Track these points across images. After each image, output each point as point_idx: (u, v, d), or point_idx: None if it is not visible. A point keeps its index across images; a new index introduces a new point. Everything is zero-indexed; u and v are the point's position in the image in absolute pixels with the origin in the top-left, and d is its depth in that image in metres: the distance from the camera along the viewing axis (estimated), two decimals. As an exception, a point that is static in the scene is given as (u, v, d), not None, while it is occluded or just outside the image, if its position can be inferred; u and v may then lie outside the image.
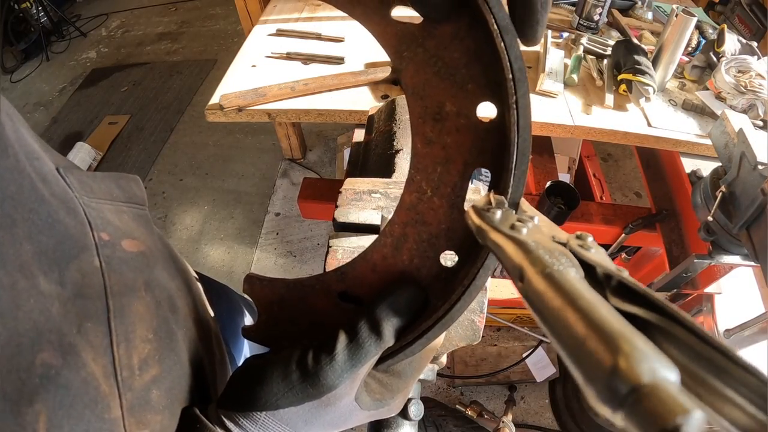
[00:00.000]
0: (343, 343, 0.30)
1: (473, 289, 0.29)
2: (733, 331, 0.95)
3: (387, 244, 0.31)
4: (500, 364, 1.61)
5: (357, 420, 0.34)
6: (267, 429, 0.31)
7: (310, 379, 0.30)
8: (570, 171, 1.74)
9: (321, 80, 0.98)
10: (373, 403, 0.34)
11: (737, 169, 0.73)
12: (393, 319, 0.31)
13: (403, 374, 0.35)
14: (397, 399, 0.36)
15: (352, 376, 0.30)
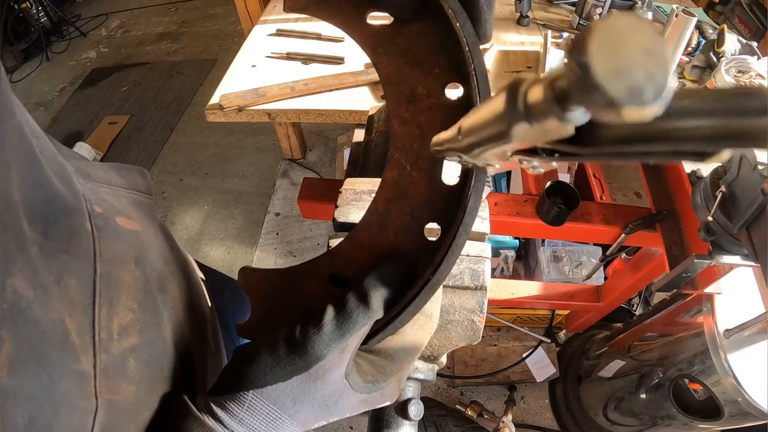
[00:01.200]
0: (330, 314, 0.30)
1: (455, 249, 0.31)
2: (733, 331, 0.95)
3: (372, 222, 0.33)
4: (500, 364, 1.61)
5: (349, 403, 0.33)
6: (254, 410, 0.30)
7: (297, 351, 0.30)
8: (570, 171, 1.74)
9: (321, 80, 0.98)
10: (365, 385, 0.33)
11: (737, 169, 0.73)
12: (380, 289, 0.31)
13: (396, 357, 0.34)
14: (390, 383, 0.34)
15: (341, 346, 0.30)
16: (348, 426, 1.60)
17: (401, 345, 0.34)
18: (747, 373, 0.92)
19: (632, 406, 1.27)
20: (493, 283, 1.47)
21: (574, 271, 1.59)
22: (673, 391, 1.10)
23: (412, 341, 0.34)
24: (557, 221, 1.02)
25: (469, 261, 0.41)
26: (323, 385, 0.31)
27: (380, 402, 0.35)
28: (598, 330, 1.65)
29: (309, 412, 0.31)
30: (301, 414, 0.31)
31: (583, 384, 1.52)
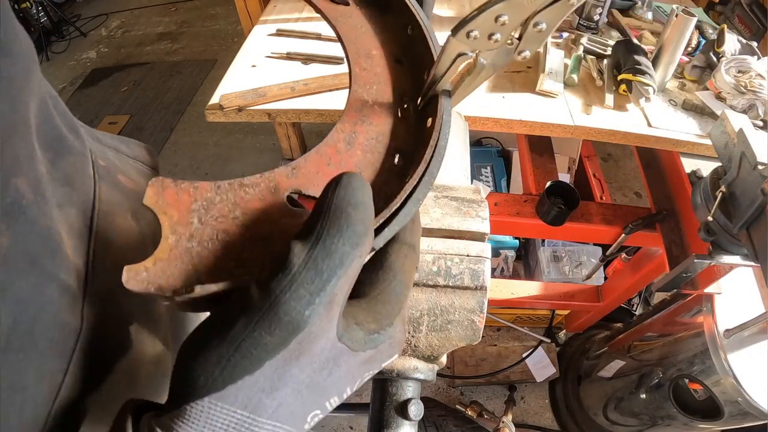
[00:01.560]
0: (300, 251, 0.20)
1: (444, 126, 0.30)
2: (733, 331, 0.95)
3: (340, 139, 0.31)
4: (500, 364, 1.61)
5: (347, 371, 0.24)
6: (210, 423, 0.21)
7: (264, 322, 0.20)
8: (570, 171, 1.74)
9: (321, 80, 0.98)
10: (369, 339, 0.24)
11: (737, 169, 0.73)
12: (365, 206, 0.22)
13: (392, 293, 0.26)
14: (397, 326, 0.26)
15: (326, 298, 0.20)
16: (348, 426, 1.60)
17: (392, 278, 0.26)
18: (747, 373, 0.92)
19: (632, 406, 1.27)
20: (493, 283, 1.47)
21: (574, 271, 1.59)
22: (673, 391, 1.10)
23: (403, 273, 0.27)
24: (557, 221, 1.02)
25: (469, 261, 0.41)
26: (310, 360, 0.22)
27: (388, 356, 0.26)
28: (598, 330, 1.65)
29: (294, 403, 0.22)
30: (283, 409, 0.22)
31: (583, 384, 1.52)
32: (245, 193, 0.26)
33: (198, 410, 0.21)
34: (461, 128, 0.62)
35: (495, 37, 0.28)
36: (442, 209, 0.44)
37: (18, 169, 0.25)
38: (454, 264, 0.40)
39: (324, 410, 0.24)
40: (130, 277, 0.22)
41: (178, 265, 0.23)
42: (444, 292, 0.40)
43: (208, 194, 0.25)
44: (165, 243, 0.23)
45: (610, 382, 1.37)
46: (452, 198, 0.45)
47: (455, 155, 0.57)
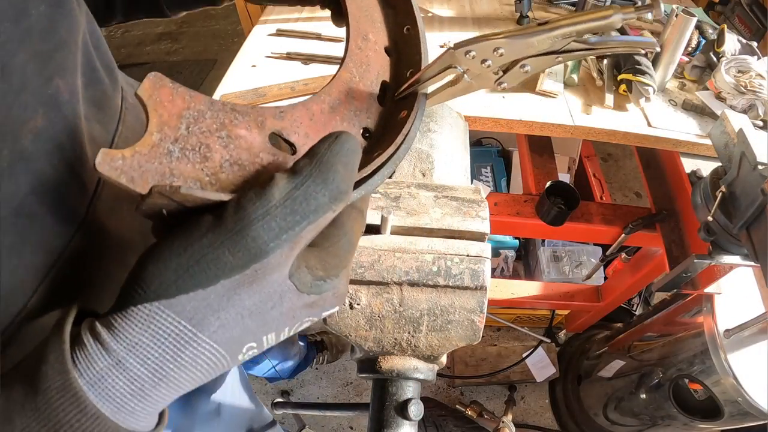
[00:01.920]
0: (283, 188, 0.22)
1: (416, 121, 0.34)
2: (733, 331, 0.95)
3: (325, 101, 0.33)
4: (500, 364, 1.61)
5: (288, 308, 0.24)
6: (152, 327, 0.21)
7: (230, 240, 0.21)
8: (570, 171, 1.74)
9: (321, 80, 0.98)
10: (314, 283, 0.25)
11: (737, 169, 0.73)
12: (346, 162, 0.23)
13: (342, 248, 0.26)
14: (341, 278, 0.26)
15: (292, 237, 0.22)
16: (348, 426, 1.60)
17: (342, 235, 0.27)
18: (747, 373, 0.92)
19: (632, 406, 1.27)
20: (493, 283, 1.47)
21: (574, 271, 1.59)
22: (673, 391, 1.10)
23: (352, 233, 0.27)
24: (557, 221, 1.02)
25: (469, 261, 0.41)
26: (260, 289, 0.22)
27: (330, 306, 0.27)
28: (598, 330, 1.65)
29: (235, 328, 0.23)
30: (223, 331, 0.23)
31: (583, 384, 1.52)
32: (234, 118, 0.27)
33: (144, 313, 0.21)
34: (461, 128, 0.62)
35: (487, 63, 0.32)
36: (442, 209, 0.44)
37: (62, 74, 0.31)
38: (454, 264, 0.40)
39: (260, 345, 0.25)
40: (105, 161, 0.21)
41: (155, 163, 0.23)
42: (444, 292, 0.40)
43: (201, 107, 0.26)
44: (148, 138, 0.23)
45: (610, 382, 1.37)
46: (452, 198, 0.46)
47: (455, 155, 0.57)
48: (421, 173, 0.52)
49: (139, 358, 0.22)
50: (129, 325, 0.21)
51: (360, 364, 0.44)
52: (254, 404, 0.90)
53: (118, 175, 0.21)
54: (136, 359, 0.22)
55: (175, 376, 0.23)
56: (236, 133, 0.26)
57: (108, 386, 0.21)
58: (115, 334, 0.21)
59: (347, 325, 0.41)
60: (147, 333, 0.21)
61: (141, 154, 0.22)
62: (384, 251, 0.41)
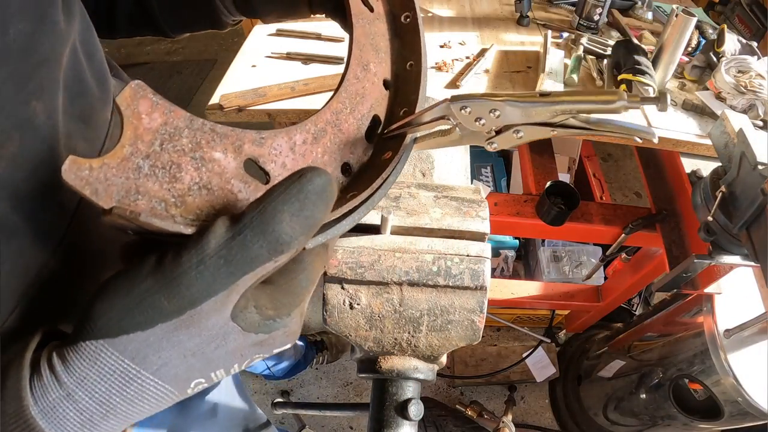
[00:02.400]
0: (220, 237, 0.21)
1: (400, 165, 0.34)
2: (733, 331, 0.95)
3: (309, 131, 0.32)
4: (500, 364, 1.61)
5: (236, 347, 0.25)
6: (100, 366, 0.22)
7: (164, 288, 0.21)
8: (570, 171, 1.74)
9: (321, 80, 0.98)
10: (263, 324, 0.25)
11: (737, 169, 0.73)
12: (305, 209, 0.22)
13: (298, 285, 0.26)
14: (293, 317, 0.26)
15: (228, 289, 0.22)
16: (348, 426, 1.60)
17: (300, 271, 0.26)
18: (747, 373, 0.92)
19: (632, 406, 1.27)
20: (493, 283, 1.46)
21: (574, 271, 1.59)
22: (673, 391, 1.10)
23: (312, 269, 0.27)
24: (557, 221, 1.02)
25: (469, 261, 0.41)
26: (198, 331, 0.23)
27: (281, 344, 0.27)
28: (598, 330, 1.65)
29: (179, 366, 0.24)
30: (167, 369, 0.23)
31: (583, 384, 1.52)
32: (212, 139, 0.26)
33: (91, 349, 0.22)
34: (461, 128, 0.62)
35: (481, 122, 0.32)
36: (442, 209, 0.44)
37: (40, 94, 0.30)
38: (454, 264, 0.40)
39: (209, 380, 0.25)
40: (71, 170, 0.20)
41: (122, 178, 0.22)
42: (444, 292, 0.40)
43: (180, 123, 0.24)
44: (119, 150, 0.22)
45: (610, 382, 1.37)
46: (452, 198, 0.46)
47: (455, 155, 0.57)
48: (421, 173, 0.52)
49: (88, 391, 0.23)
50: (78, 360, 0.22)
51: (360, 364, 0.44)
52: (248, 405, 0.91)
53: (83, 185, 0.21)
54: (84, 392, 0.23)
55: (123, 409, 0.23)
56: (211, 155, 0.26)
57: (59, 416, 0.22)
58: (67, 366, 0.22)
59: (347, 325, 0.41)
60: (94, 368, 0.22)
61: (109, 166, 0.22)
62: (384, 251, 0.41)
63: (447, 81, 1.05)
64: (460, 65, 1.09)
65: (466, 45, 1.17)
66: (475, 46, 1.17)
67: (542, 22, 1.29)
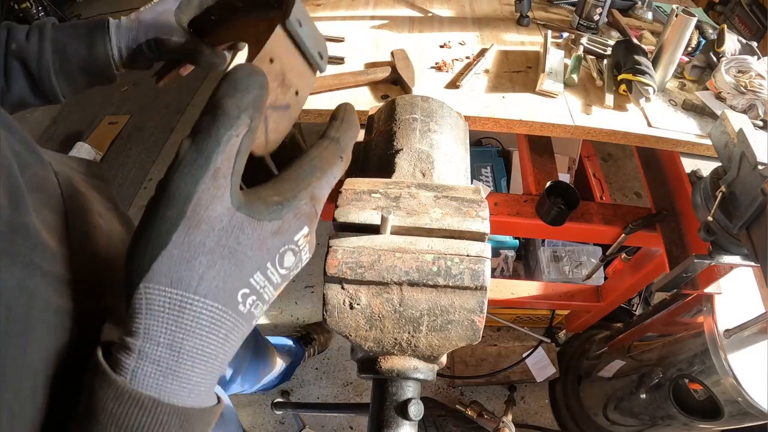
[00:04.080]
0: (186, 145, 0.25)
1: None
2: (733, 331, 0.95)
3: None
4: (500, 364, 1.61)
5: (258, 240, 0.26)
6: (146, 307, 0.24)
7: (164, 203, 0.24)
8: (570, 171, 1.74)
9: (321, 80, 0.98)
10: (271, 210, 0.27)
11: (737, 169, 0.73)
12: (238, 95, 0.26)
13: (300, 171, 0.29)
14: (302, 200, 0.28)
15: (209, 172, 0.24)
16: (348, 426, 1.60)
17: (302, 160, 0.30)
18: (747, 373, 0.92)
19: (632, 406, 1.27)
20: (493, 283, 1.46)
21: (574, 271, 1.59)
22: (673, 391, 1.10)
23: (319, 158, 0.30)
24: (557, 221, 1.02)
25: (469, 261, 0.41)
26: (210, 225, 0.25)
27: (297, 228, 0.28)
28: (598, 330, 1.65)
29: (213, 272, 0.25)
30: (206, 280, 0.25)
31: (583, 384, 1.52)
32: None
33: (137, 299, 0.24)
34: (461, 128, 0.62)
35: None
36: (442, 209, 0.44)
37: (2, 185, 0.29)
38: (454, 264, 0.40)
39: (252, 290, 0.27)
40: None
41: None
42: (444, 292, 0.40)
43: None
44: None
45: (610, 382, 1.37)
46: (452, 198, 0.45)
47: (455, 155, 0.57)
48: (421, 173, 0.52)
49: (152, 340, 0.24)
50: (133, 317, 0.24)
51: (360, 364, 0.44)
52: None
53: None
54: (149, 344, 0.24)
55: (191, 345, 0.25)
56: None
57: (142, 377, 0.24)
58: (129, 331, 0.25)
59: (347, 325, 0.41)
60: (147, 314, 0.24)
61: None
62: (384, 251, 0.41)
63: (447, 81, 1.05)
64: (460, 65, 1.09)
65: (466, 45, 1.17)
66: (475, 46, 1.17)
67: (542, 22, 1.29)
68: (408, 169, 0.52)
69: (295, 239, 0.29)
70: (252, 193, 0.27)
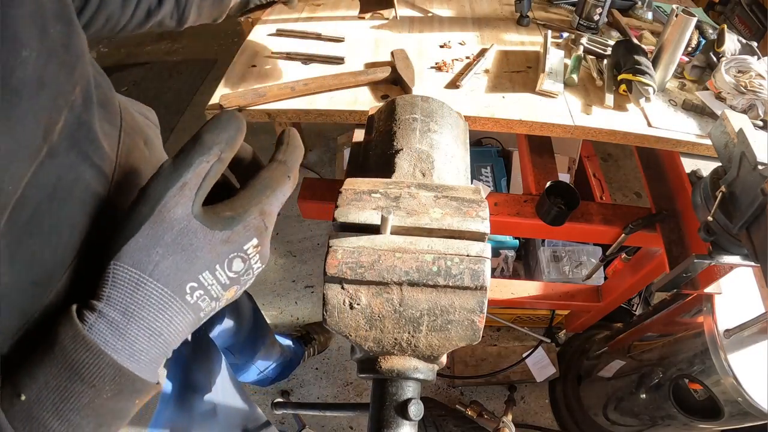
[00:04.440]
0: (167, 163, 0.32)
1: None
2: (733, 331, 0.95)
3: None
4: (500, 364, 1.61)
5: (208, 245, 0.32)
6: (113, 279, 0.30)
7: (141, 199, 0.31)
8: (570, 171, 1.74)
9: (321, 80, 0.98)
10: (222, 220, 0.33)
11: (737, 169, 0.73)
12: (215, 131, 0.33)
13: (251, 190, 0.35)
14: (251, 214, 0.34)
15: (178, 183, 0.31)
16: (348, 426, 1.60)
17: (253, 181, 0.35)
18: (747, 373, 0.92)
19: (632, 406, 1.27)
20: (493, 283, 1.46)
21: (574, 271, 1.59)
22: (673, 391, 1.10)
23: (268, 178, 0.36)
24: (557, 221, 1.02)
25: (469, 261, 0.41)
26: (170, 224, 0.31)
27: (246, 239, 0.34)
28: (598, 330, 1.65)
29: (167, 262, 0.31)
30: (159, 267, 0.31)
31: (583, 384, 1.52)
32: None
33: (107, 274, 0.31)
34: (461, 128, 0.62)
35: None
36: (442, 209, 0.44)
37: (81, 81, 0.38)
38: (454, 264, 0.40)
39: (200, 285, 0.32)
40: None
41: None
42: (444, 292, 0.40)
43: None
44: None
45: (610, 382, 1.37)
46: (452, 198, 0.45)
47: (455, 155, 0.57)
48: (421, 173, 0.52)
49: (111, 306, 0.30)
50: (101, 286, 0.31)
51: (360, 364, 0.44)
52: (248, 405, 0.91)
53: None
54: (110, 308, 0.30)
55: (139, 315, 0.31)
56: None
57: (97, 332, 0.30)
58: (98, 296, 0.31)
59: (347, 325, 0.41)
60: (111, 285, 0.31)
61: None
62: (384, 251, 0.41)
63: (447, 81, 1.05)
64: (460, 65, 1.09)
65: (466, 45, 1.17)
66: (475, 46, 1.17)
67: (542, 22, 1.29)
68: (408, 169, 0.52)
69: (245, 248, 0.34)
70: (211, 208, 0.33)
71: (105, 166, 0.41)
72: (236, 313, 1.03)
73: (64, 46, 0.35)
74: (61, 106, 0.35)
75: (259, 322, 1.24)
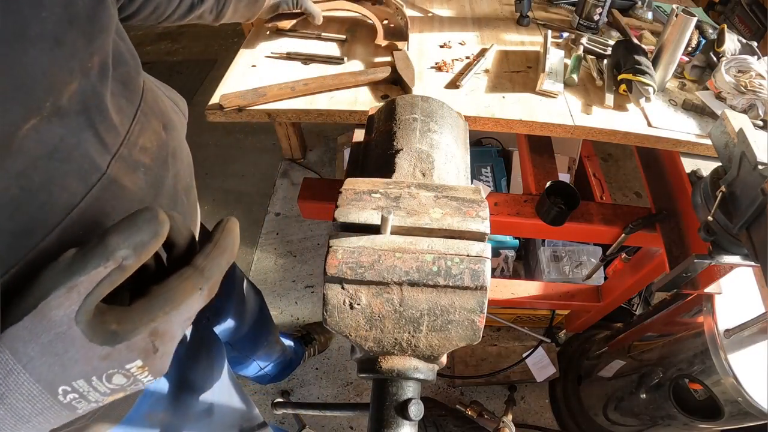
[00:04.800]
0: (69, 252, 0.30)
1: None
2: (733, 331, 0.95)
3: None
4: (500, 364, 1.61)
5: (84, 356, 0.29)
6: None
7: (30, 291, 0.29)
8: (570, 171, 1.74)
9: (321, 80, 0.98)
10: (104, 336, 0.29)
11: (737, 169, 0.73)
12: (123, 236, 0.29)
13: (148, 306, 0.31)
14: (139, 334, 0.31)
15: (68, 284, 0.28)
16: (348, 426, 1.60)
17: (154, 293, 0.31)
18: (747, 373, 0.92)
19: (632, 406, 1.27)
20: (493, 283, 1.46)
21: (574, 271, 1.59)
22: (673, 391, 1.10)
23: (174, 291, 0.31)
24: (557, 221, 1.02)
25: (469, 261, 0.41)
26: (49, 325, 0.28)
27: (128, 359, 0.31)
28: (598, 330, 1.65)
29: (40, 361, 0.29)
30: (34, 363, 0.29)
31: (583, 384, 1.52)
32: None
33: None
34: (461, 128, 0.62)
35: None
36: (442, 209, 0.44)
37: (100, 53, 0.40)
38: (454, 264, 0.40)
39: (74, 389, 0.30)
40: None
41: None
42: (444, 292, 0.40)
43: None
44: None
45: (610, 382, 1.37)
46: (452, 198, 0.46)
47: (455, 155, 0.57)
48: (421, 173, 0.52)
49: None
50: None
51: (360, 364, 0.44)
52: (245, 405, 0.91)
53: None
54: None
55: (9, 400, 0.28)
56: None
57: None
58: None
59: (347, 325, 0.41)
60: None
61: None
62: (384, 251, 0.41)
63: (447, 81, 1.05)
64: (460, 65, 1.09)
65: (466, 45, 1.17)
66: (475, 46, 1.17)
67: (542, 22, 1.29)
68: (408, 169, 0.52)
69: (127, 367, 0.31)
70: (101, 315, 0.30)
71: (109, 138, 0.41)
72: (241, 308, 1.02)
73: (88, 17, 0.37)
74: (74, 69, 0.36)
75: (265, 318, 1.24)
